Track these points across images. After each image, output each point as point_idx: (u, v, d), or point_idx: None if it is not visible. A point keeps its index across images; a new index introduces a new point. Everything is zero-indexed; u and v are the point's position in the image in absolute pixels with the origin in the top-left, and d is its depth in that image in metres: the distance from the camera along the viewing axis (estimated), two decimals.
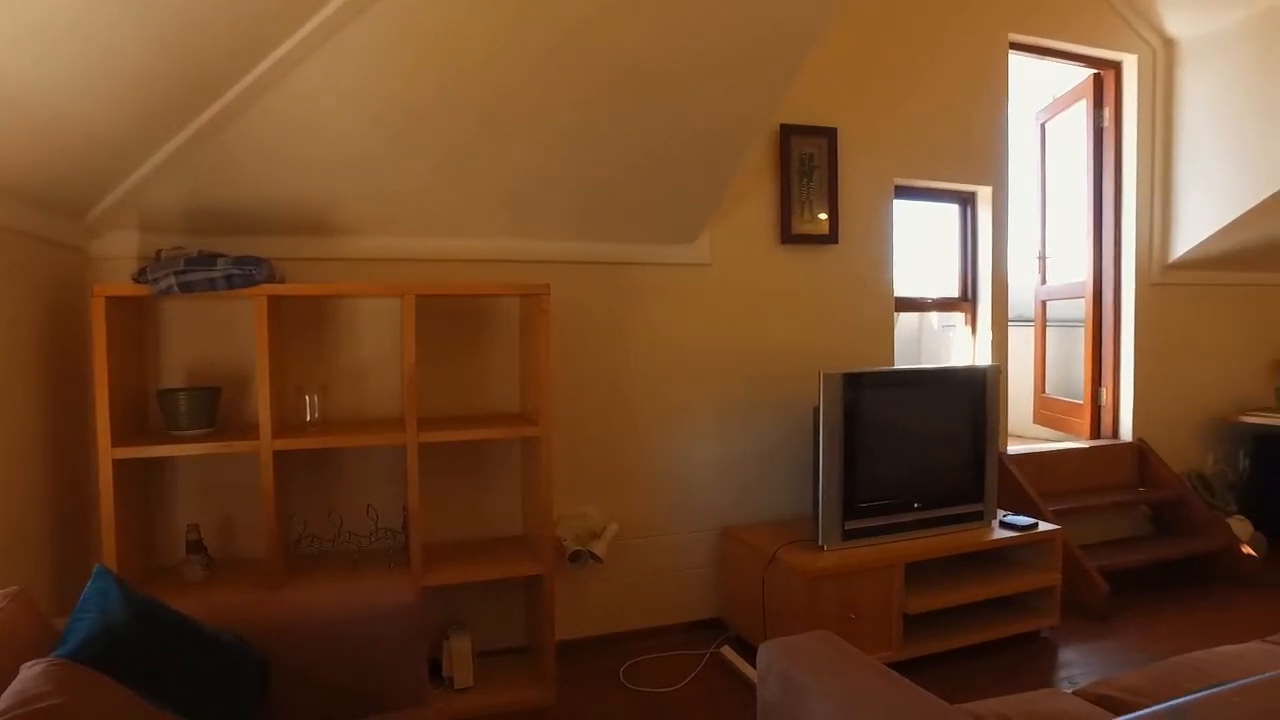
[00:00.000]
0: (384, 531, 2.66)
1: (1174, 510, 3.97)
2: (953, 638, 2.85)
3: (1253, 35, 3.75)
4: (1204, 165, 3.98)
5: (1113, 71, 4.15)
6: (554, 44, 2.14)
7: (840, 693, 1.30)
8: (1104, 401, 4.21)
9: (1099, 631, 3.15)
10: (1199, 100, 4.00)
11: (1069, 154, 4.38)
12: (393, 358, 2.72)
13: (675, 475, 3.14)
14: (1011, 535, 2.97)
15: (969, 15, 3.59)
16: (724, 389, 3.19)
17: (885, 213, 3.42)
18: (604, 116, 2.41)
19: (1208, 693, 0.56)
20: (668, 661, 2.91)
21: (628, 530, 3.06)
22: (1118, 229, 4.15)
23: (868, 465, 2.83)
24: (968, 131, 3.60)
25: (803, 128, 3.19)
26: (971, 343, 3.80)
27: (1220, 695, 0.56)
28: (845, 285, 3.36)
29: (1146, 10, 3.99)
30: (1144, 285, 4.12)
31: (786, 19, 2.22)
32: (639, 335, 3.07)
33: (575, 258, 2.94)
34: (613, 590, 3.06)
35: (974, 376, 3.03)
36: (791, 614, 2.66)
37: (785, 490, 3.30)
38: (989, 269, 3.70)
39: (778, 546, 2.80)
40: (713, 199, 2.88)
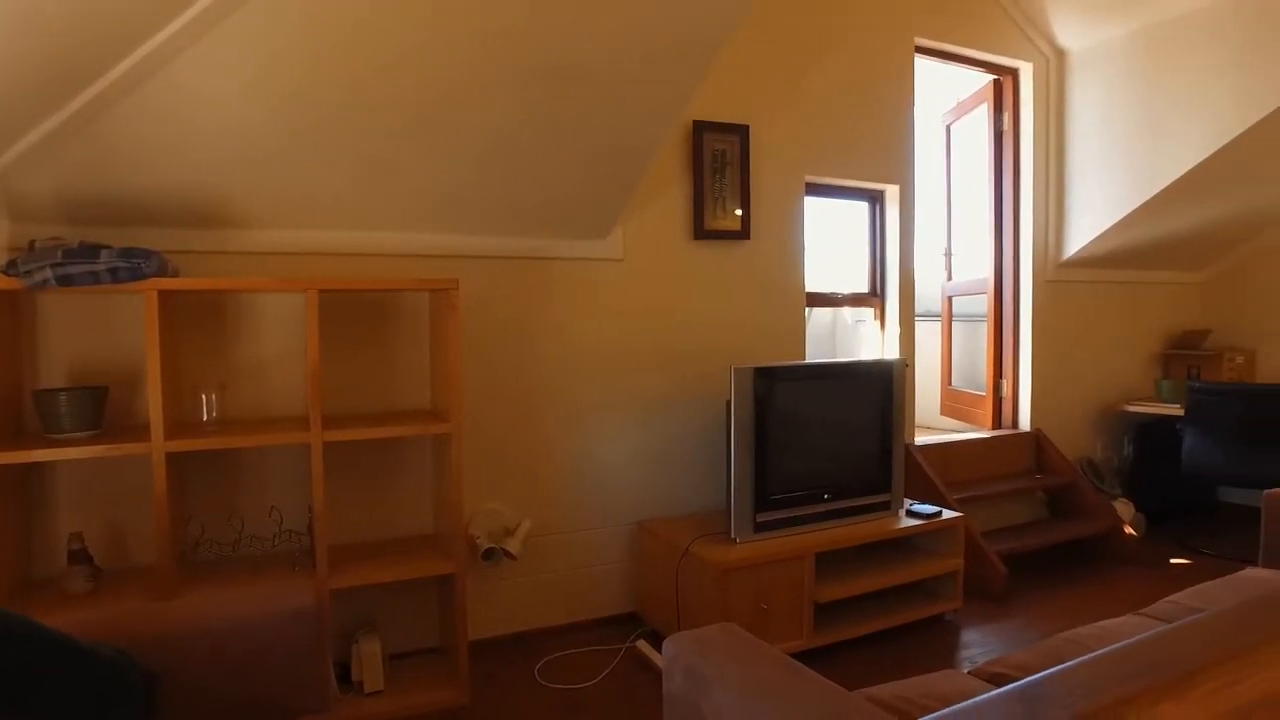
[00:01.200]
0: (288, 534, 2.57)
1: (1067, 495, 4.19)
2: (862, 624, 2.93)
3: (1135, 49, 3.97)
4: (1092, 168, 4.19)
5: (1010, 78, 4.33)
6: (461, 37, 2.10)
7: (742, 683, 1.32)
8: (1005, 393, 4.40)
9: (998, 612, 3.29)
10: (1088, 107, 4.21)
11: (972, 155, 4.55)
12: (297, 354, 2.63)
13: (589, 471, 3.13)
14: (917, 524, 3.08)
15: (877, 19, 3.69)
16: (638, 384, 3.20)
17: (796, 209, 3.48)
18: (513, 110, 2.38)
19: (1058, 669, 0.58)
20: (583, 657, 2.90)
21: (542, 527, 3.04)
22: (1016, 228, 4.34)
23: (779, 458, 2.89)
24: (876, 131, 3.70)
25: (715, 125, 3.22)
26: (881, 337, 3.91)
27: (1069, 669, 0.58)
28: (757, 281, 3.41)
29: (1040, 21, 4.18)
30: (1040, 282, 4.32)
31: (699, 17, 2.24)
32: (552, 330, 3.05)
33: (486, 252, 2.90)
34: (527, 587, 3.04)
35: (881, 370, 3.12)
36: (705, 606, 2.69)
37: (700, 484, 3.33)
38: (897, 265, 3.81)
39: (691, 540, 2.83)
40: (625, 194, 2.88)
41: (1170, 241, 4.48)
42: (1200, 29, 3.68)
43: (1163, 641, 0.63)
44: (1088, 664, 0.60)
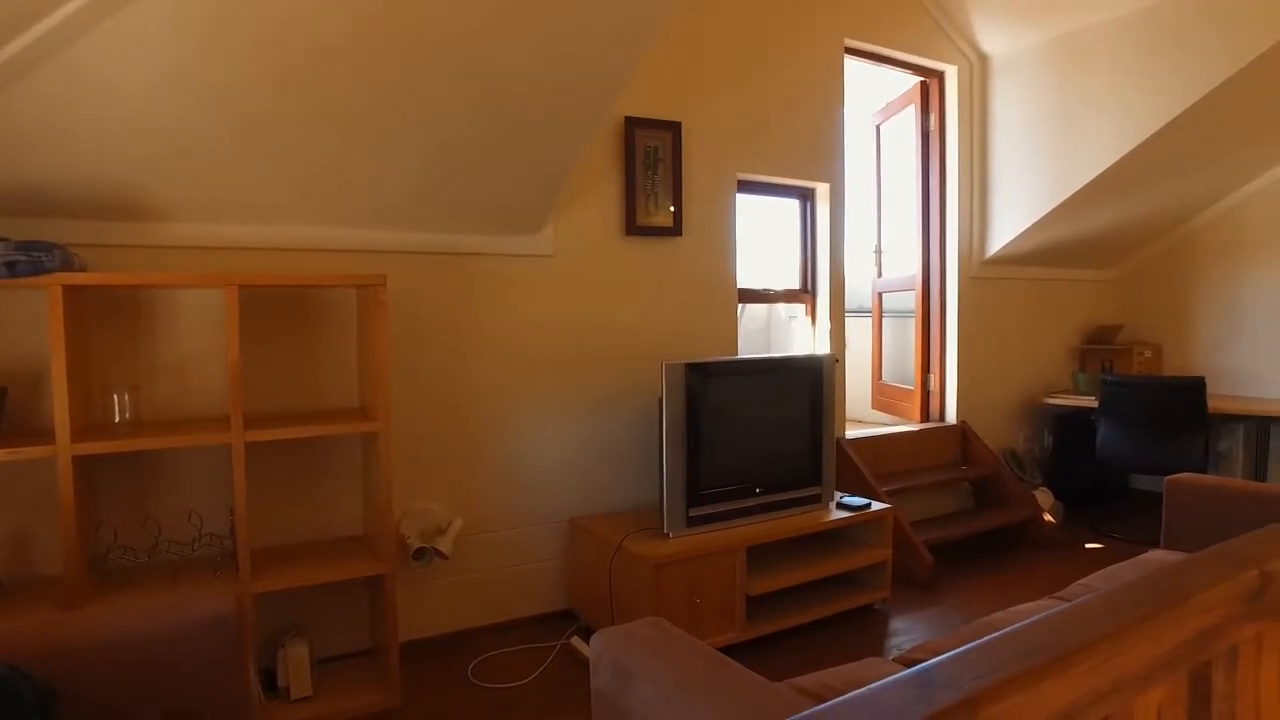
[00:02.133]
0: (209, 538, 2.49)
1: (991, 485, 4.32)
2: (794, 616, 2.98)
3: (1052, 56, 4.12)
4: (1014, 169, 4.34)
5: (937, 80, 4.45)
6: (390, 38, 2.06)
7: (667, 678, 1.33)
8: (932, 387, 4.52)
9: (926, 600, 3.38)
10: (1008, 111, 4.35)
11: (901, 154, 4.66)
12: (217, 352, 2.54)
13: (522, 468, 3.11)
14: (847, 516, 3.14)
15: (808, 20, 3.75)
16: (571, 380, 3.19)
17: (728, 206, 3.51)
18: (442, 107, 2.34)
19: (953, 652, 0.60)
20: (518, 655, 2.88)
21: (474, 525, 3.00)
22: (943, 226, 4.46)
23: (711, 453, 2.91)
24: (807, 130, 3.75)
25: (647, 121, 3.22)
26: (812, 333, 3.97)
27: (963, 652, 0.60)
28: (690, 277, 3.44)
29: (964, 27, 4.30)
30: (965, 279, 4.45)
31: (625, 8, 2.23)
32: (483, 327, 3.02)
33: (415, 248, 2.85)
34: (460, 587, 3.00)
35: (811, 365, 3.17)
36: (638, 601, 2.70)
37: (633, 479, 3.34)
38: (827, 262, 3.88)
39: (624, 536, 2.84)
40: (555, 189, 2.86)
41: (1086, 240, 4.66)
42: (1111, 38, 3.84)
43: (1051, 623, 0.66)
44: (981, 646, 0.61)
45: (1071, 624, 0.65)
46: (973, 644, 0.61)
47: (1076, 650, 0.61)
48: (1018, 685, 0.56)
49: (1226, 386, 4.70)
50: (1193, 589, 0.73)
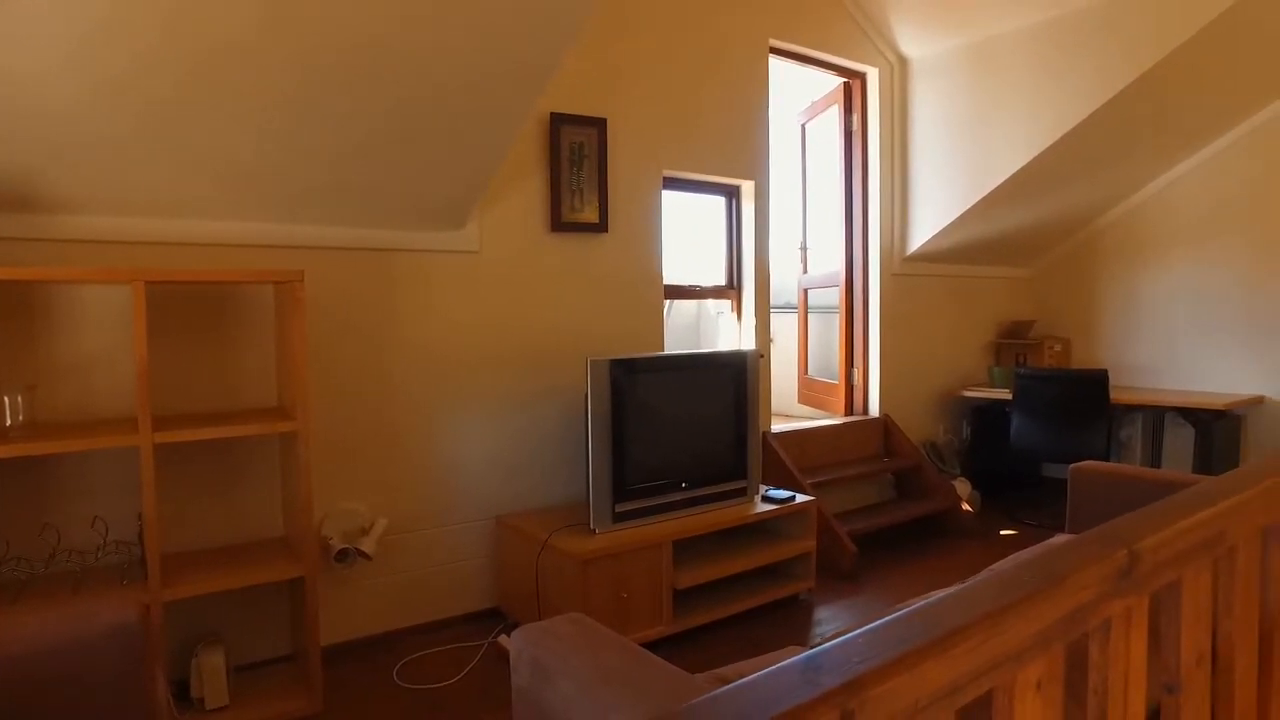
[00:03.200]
0: (115, 545, 2.39)
1: (912, 476, 4.46)
2: (721, 608, 3.02)
3: (967, 61, 4.26)
4: (932, 170, 4.48)
5: (859, 81, 4.55)
6: (294, 17, 2.00)
7: (586, 673, 1.33)
8: (856, 381, 4.63)
9: (849, 589, 3.47)
10: (927, 113, 4.49)
11: (825, 153, 4.76)
12: (124, 351, 2.44)
13: (448, 466, 3.07)
14: (772, 508, 3.20)
15: (733, 19, 3.79)
16: (496, 377, 3.17)
17: (654, 203, 3.53)
18: (356, 96, 2.29)
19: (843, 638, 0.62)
20: (445, 655, 2.85)
21: (400, 524, 2.96)
22: (865, 224, 4.57)
23: (637, 449, 2.93)
24: (732, 128, 3.80)
25: (573, 117, 3.22)
26: (738, 329, 4.03)
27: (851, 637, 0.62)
28: (616, 273, 3.44)
29: (885, 30, 4.41)
30: (887, 275, 4.58)
31: (548, 3, 2.22)
32: (406, 324, 2.97)
33: (335, 243, 2.79)
34: (386, 587, 2.95)
35: (735, 361, 3.22)
36: (566, 597, 2.70)
37: (561, 476, 3.34)
38: (752, 259, 3.94)
39: (551, 532, 2.83)
40: (479, 185, 2.83)
41: (1000, 239, 4.84)
42: (1020, 46, 3.99)
43: (936, 607, 0.68)
44: (867, 632, 0.64)
45: (954, 608, 0.68)
46: (860, 630, 0.64)
47: (956, 632, 0.64)
48: (900, 667, 0.59)
49: (1127, 379, 4.94)
50: (1068, 570, 0.77)
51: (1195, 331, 4.69)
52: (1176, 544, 0.95)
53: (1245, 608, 1.13)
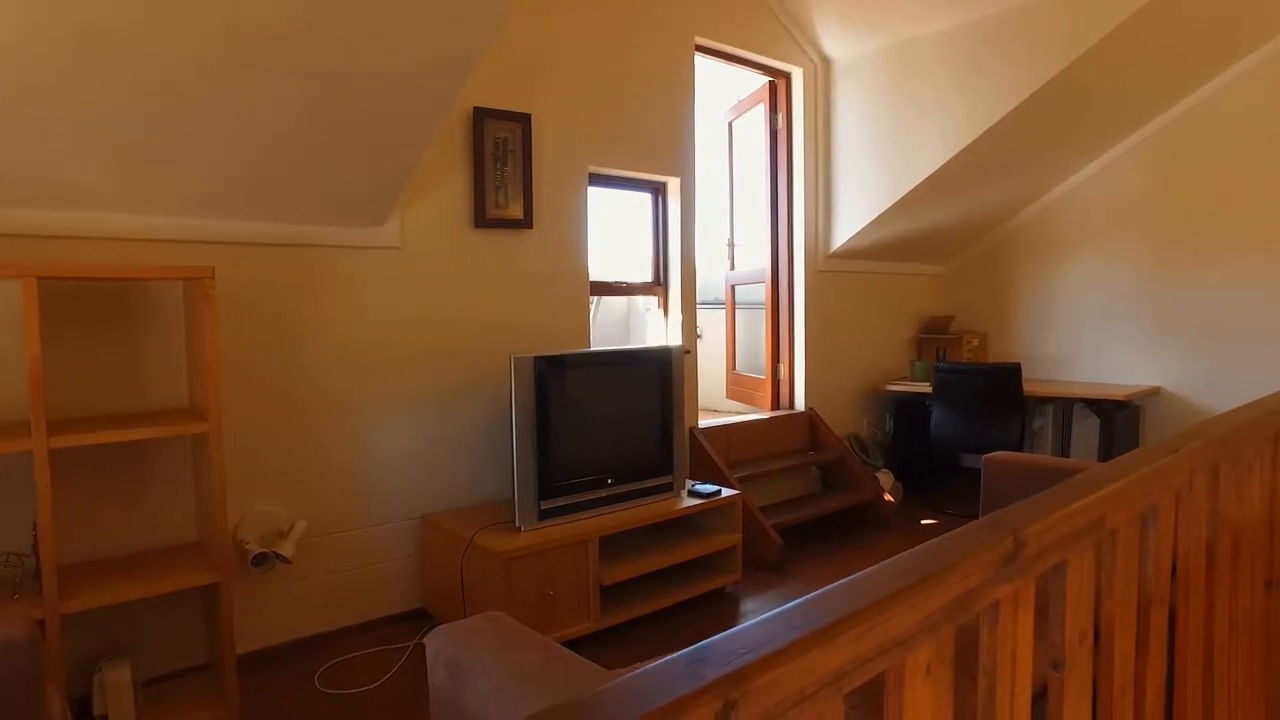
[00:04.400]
0: (6, 557, 2.27)
1: (837, 469, 4.56)
2: (648, 603, 3.04)
3: (887, 62, 4.38)
4: (854, 168, 4.58)
5: (784, 80, 4.63)
6: (211, 17, 1.93)
7: (502, 671, 1.33)
8: (782, 376, 4.71)
9: (775, 581, 3.53)
10: (849, 113, 4.59)
11: (752, 151, 4.82)
12: (15, 351, 2.32)
13: (371, 466, 3.02)
14: (698, 503, 3.23)
15: (659, 16, 3.80)
16: (420, 374, 3.12)
17: (580, 199, 3.53)
18: (268, 87, 2.22)
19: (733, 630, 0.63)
20: (369, 659, 2.80)
21: (321, 526, 2.89)
22: (790, 221, 4.65)
23: (562, 445, 2.92)
24: (658, 125, 3.82)
25: (497, 112, 3.19)
26: (664, 325, 4.05)
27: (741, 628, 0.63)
28: (542, 270, 3.43)
29: (809, 31, 4.49)
30: (812, 272, 4.67)
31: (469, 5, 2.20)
32: (326, 321, 2.90)
33: (249, 239, 2.70)
34: (307, 591, 2.88)
35: (660, 357, 3.24)
36: (491, 596, 2.68)
37: (487, 474, 3.31)
38: (679, 255, 3.97)
39: (475, 531, 2.81)
40: (401, 180, 2.78)
41: (921, 237, 4.99)
42: (938, 49, 4.11)
43: (825, 597, 0.70)
44: (755, 623, 0.65)
45: (842, 597, 0.70)
46: (748, 622, 0.65)
47: (842, 620, 0.66)
48: (784, 656, 0.60)
49: (1040, 371, 5.15)
50: (955, 558, 0.81)
51: (1101, 325, 4.92)
52: (1061, 529, 0.99)
53: (1125, 587, 1.20)
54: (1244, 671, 1.73)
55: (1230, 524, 1.64)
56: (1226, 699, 1.63)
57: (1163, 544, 1.33)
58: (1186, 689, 1.45)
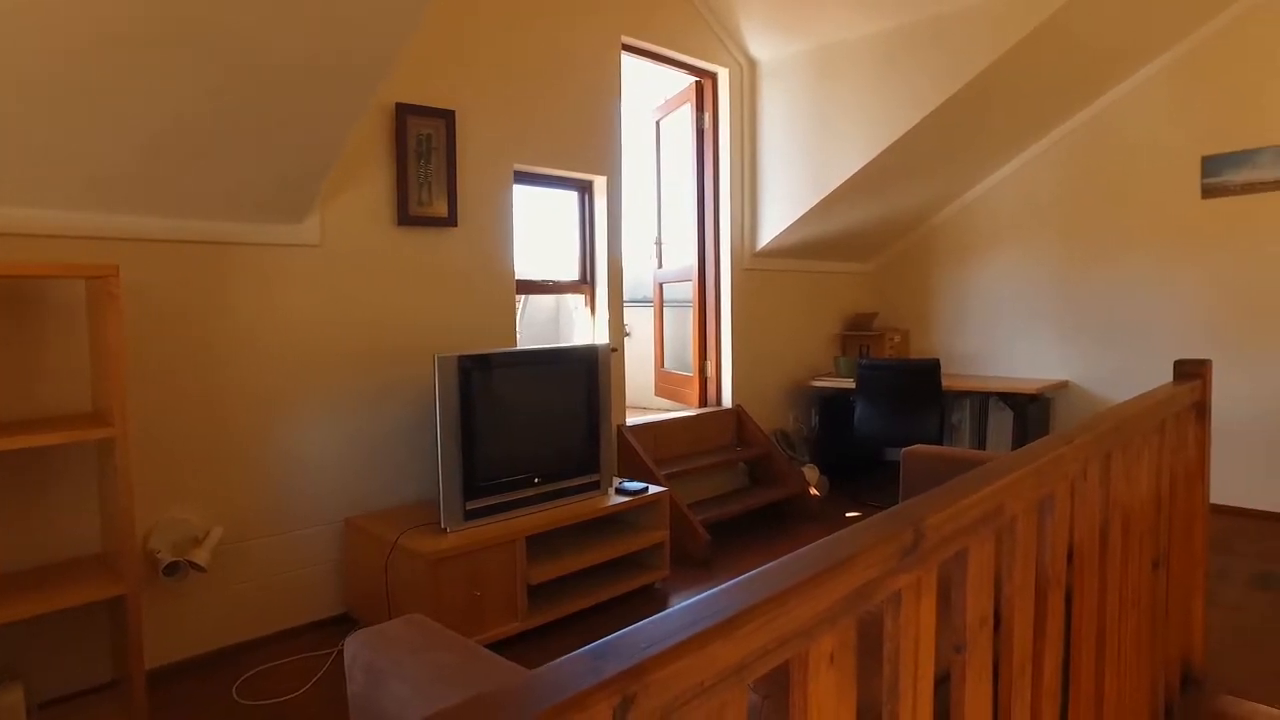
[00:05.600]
0: None
1: (764, 464, 4.64)
2: (576, 601, 3.04)
3: (811, 65, 4.47)
4: (779, 168, 4.66)
5: (710, 81, 4.68)
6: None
7: (419, 673, 1.32)
8: (709, 373, 4.77)
9: (702, 576, 3.57)
10: (774, 113, 4.67)
11: (679, 150, 4.86)
12: None
13: (291, 469, 2.94)
14: (625, 500, 3.25)
15: (585, 15, 3.80)
16: (342, 374, 3.06)
17: (505, 197, 3.50)
18: (173, 78, 2.14)
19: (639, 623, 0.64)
20: (291, 667, 2.73)
21: (238, 532, 2.81)
22: (717, 219, 4.71)
23: (488, 445, 2.90)
24: (584, 123, 3.82)
25: (420, 108, 3.14)
26: (592, 323, 4.06)
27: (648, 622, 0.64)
28: (467, 268, 3.39)
29: (735, 32, 4.55)
30: (738, 270, 4.73)
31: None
32: (242, 320, 2.81)
33: (158, 235, 2.60)
34: (225, 600, 2.79)
35: (587, 356, 3.24)
36: (416, 599, 2.65)
37: (412, 474, 3.26)
38: (606, 254, 3.97)
39: (400, 533, 2.77)
40: (319, 176, 2.71)
41: (845, 236, 5.11)
42: (860, 53, 4.22)
43: (727, 592, 0.72)
44: (658, 618, 0.66)
45: (745, 590, 0.72)
46: (653, 617, 0.66)
47: (742, 614, 0.68)
48: (684, 650, 0.62)
49: (958, 366, 5.34)
50: (855, 550, 0.83)
51: (1014, 322, 5.12)
52: (960, 520, 1.04)
53: (1024, 572, 1.26)
54: (1132, 645, 1.83)
55: (1121, 508, 1.73)
56: (1117, 671, 1.72)
57: (1059, 530, 1.40)
58: (1081, 664, 1.53)
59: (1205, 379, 2.35)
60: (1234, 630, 2.83)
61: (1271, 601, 3.09)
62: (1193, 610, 2.36)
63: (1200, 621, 2.39)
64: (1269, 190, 4.13)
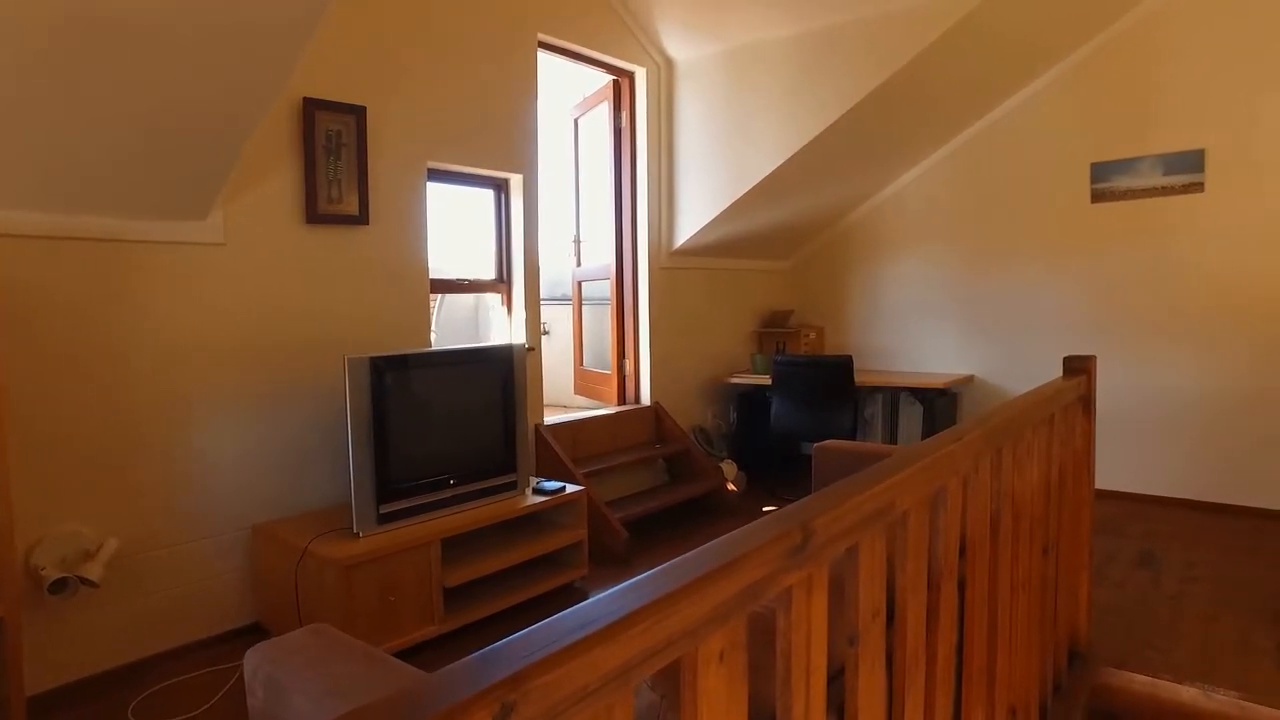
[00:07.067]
0: None
1: (682, 460, 4.70)
2: (494, 602, 3.02)
3: (726, 65, 4.53)
4: (696, 167, 4.72)
5: (628, 80, 4.69)
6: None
7: (320, 685, 1.29)
8: (628, 371, 4.79)
9: (622, 574, 3.59)
10: (691, 113, 4.72)
11: (597, 148, 4.86)
12: None
13: (195, 476, 2.83)
14: (543, 500, 3.24)
15: (500, 11, 3.76)
16: (250, 377, 2.95)
17: (419, 195, 3.44)
18: (57, 65, 2.03)
19: (530, 629, 0.65)
20: (193, 683, 2.63)
21: (137, 544, 2.68)
22: (634, 218, 4.73)
23: (401, 447, 2.85)
24: (499, 121, 3.78)
25: (329, 103, 3.06)
26: (508, 322, 4.02)
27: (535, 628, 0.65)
28: (379, 267, 3.32)
29: (652, 31, 4.58)
30: (655, 268, 4.77)
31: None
32: (141, 322, 2.69)
33: (42, 231, 2.46)
34: (121, 615, 2.67)
35: (502, 355, 3.22)
36: (328, 606, 2.59)
37: (324, 478, 3.18)
38: (522, 252, 3.94)
39: (311, 539, 2.70)
40: (221, 172, 2.62)
41: (761, 234, 5.20)
42: (774, 55, 4.30)
43: (615, 595, 0.73)
44: (542, 625, 0.67)
45: (631, 594, 0.73)
46: (538, 624, 0.67)
47: (628, 617, 0.69)
48: (565, 656, 0.63)
49: (871, 362, 5.51)
50: (743, 551, 0.86)
51: (922, 319, 5.31)
52: (850, 517, 1.07)
53: (916, 564, 1.31)
54: (1023, 627, 1.94)
55: (1012, 499, 1.82)
56: (1008, 653, 1.81)
57: (952, 522, 1.46)
58: (974, 649, 1.61)
59: (1090, 373, 2.49)
60: (1116, 607, 3.01)
61: (1151, 579, 3.30)
62: (1079, 591, 2.50)
63: (1086, 601, 2.53)
64: (1149, 196, 4.39)
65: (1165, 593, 3.15)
